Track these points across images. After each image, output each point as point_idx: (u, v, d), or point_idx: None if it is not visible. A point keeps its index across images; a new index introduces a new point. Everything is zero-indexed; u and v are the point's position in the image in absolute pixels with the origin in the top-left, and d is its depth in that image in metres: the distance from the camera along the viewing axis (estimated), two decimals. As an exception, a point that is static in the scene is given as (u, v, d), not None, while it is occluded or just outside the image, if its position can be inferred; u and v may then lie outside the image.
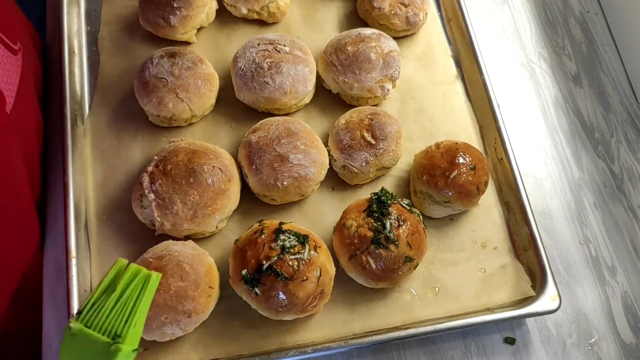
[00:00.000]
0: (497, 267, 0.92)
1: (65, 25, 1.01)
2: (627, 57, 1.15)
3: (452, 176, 0.88)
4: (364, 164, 0.92)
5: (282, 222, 0.83)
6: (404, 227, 0.82)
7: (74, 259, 0.84)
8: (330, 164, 0.95)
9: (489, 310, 0.88)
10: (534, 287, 0.89)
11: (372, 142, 0.91)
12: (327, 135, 0.98)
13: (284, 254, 0.78)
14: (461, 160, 0.89)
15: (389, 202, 0.84)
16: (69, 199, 0.88)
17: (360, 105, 1.01)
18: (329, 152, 0.95)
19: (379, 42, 0.99)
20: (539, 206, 1.01)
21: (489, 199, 0.97)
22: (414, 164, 0.95)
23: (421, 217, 0.87)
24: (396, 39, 1.05)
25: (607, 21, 1.20)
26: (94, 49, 1.04)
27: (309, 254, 0.80)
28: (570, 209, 1.02)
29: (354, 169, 0.92)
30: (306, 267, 0.78)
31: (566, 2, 1.22)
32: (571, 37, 1.18)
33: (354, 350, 0.87)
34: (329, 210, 0.94)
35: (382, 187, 0.87)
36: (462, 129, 1.03)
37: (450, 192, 0.89)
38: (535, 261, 0.90)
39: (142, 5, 1.01)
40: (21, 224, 0.86)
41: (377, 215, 0.83)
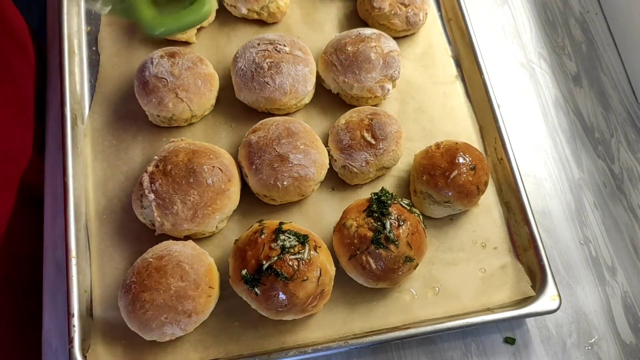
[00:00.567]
0: (497, 267, 0.92)
1: (65, 25, 1.00)
2: (627, 57, 1.15)
3: (452, 176, 0.88)
4: (364, 164, 0.92)
5: (282, 222, 0.83)
6: (404, 227, 0.82)
7: (74, 259, 0.84)
8: (330, 164, 0.95)
9: (489, 310, 0.88)
10: (534, 287, 0.89)
11: (372, 142, 0.91)
12: (327, 135, 0.98)
13: (284, 254, 0.78)
14: (461, 160, 0.89)
15: (389, 202, 0.84)
16: (69, 199, 0.88)
17: (360, 105, 1.01)
18: (329, 152, 0.95)
19: (379, 42, 0.99)
20: (539, 206, 1.01)
21: (489, 199, 0.97)
22: (414, 164, 0.95)
23: (421, 217, 0.87)
24: (396, 39, 1.05)
25: (607, 21, 1.20)
26: (94, 49, 1.04)
27: (309, 254, 0.79)
28: (570, 209, 1.02)
29: (354, 169, 0.92)
30: (306, 267, 0.78)
31: (566, 2, 1.22)
32: (571, 37, 1.18)
33: (354, 350, 0.87)
34: (329, 210, 0.94)
35: (382, 187, 0.87)
36: (462, 129, 1.03)
37: (450, 192, 0.89)
38: (535, 261, 0.90)
39: (142, 5, 1.01)
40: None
41: (377, 215, 0.83)
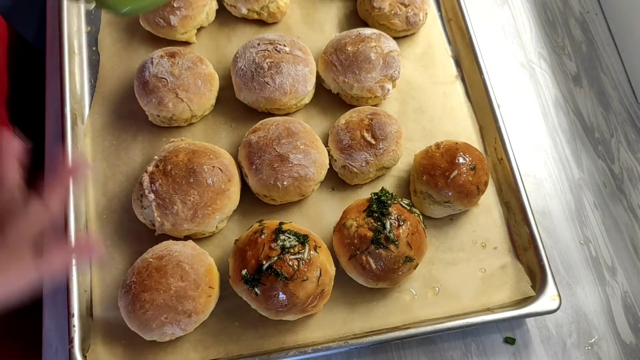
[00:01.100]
0: (497, 267, 0.92)
1: (65, 25, 1.00)
2: (627, 57, 1.15)
3: (452, 176, 0.88)
4: (364, 164, 0.92)
5: (282, 222, 0.83)
6: (404, 227, 0.82)
7: (74, 259, 0.84)
8: (330, 164, 0.95)
9: (489, 310, 0.88)
10: (534, 287, 0.89)
11: (372, 142, 0.91)
12: (327, 135, 0.98)
13: (284, 254, 0.78)
14: (461, 160, 0.89)
15: (389, 202, 0.84)
16: (69, 199, 0.88)
17: (360, 105, 1.01)
18: (329, 152, 0.95)
19: (379, 42, 0.99)
20: (539, 206, 1.01)
21: (489, 199, 0.97)
22: (414, 164, 0.95)
23: (421, 217, 0.87)
24: (396, 39, 1.05)
25: (607, 21, 1.20)
26: (94, 49, 1.04)
27: (309, 254, 0.79)
28: (570, 209, 1.02)
29: (354, 169, 0.92)
30: (306, 267, 0.78)
31: (566, 2, 1.22)
32: (571, 37, 1.18)
33: (354, 350, 0.87)
34: (329, 210, 0.94)
35: (382, 187, 0.87)
36: (462, 129, 1.03)
37: (450, 192, 0.89)
38: (535, 261, 0.90)
39: (142, 5, 1.01)
40: None
41: (377, 215, 0.83)
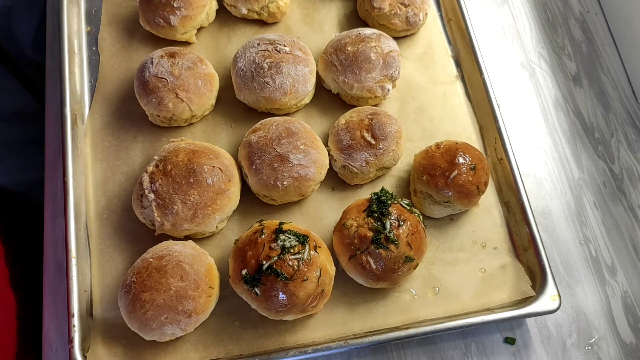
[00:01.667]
0: (497, 267, 0.92)
1: (65, 25, 1.00)
2: (627, 57, 1.15)
3: (452, 176, 0.88)
4: (364, 164, 0.92)
5: (282, 222, 0.83)
6: (404, 227, 0.82)
7: (74, 259, 0.84)
8: (330, 164, 0.95)
9: (489, 310, 0.88)
10: (534, 287, 0.89)
11: (372, 142, 0.91)
12: (327, 135, 0.98)
13: (284, 254, 0.78)
14: (461, 160, 0.89)
15: (389, 202, 0.84)
16: (69, 199, 0.88)
17: (360, 105, 1.01)
18: (329, 152, 0.95)
19: (379, 42, 0.99)
20: (539, 206, 1.01)
21: (489, 199, 0.97)
22: (414, 164, 0.95)
23: (421, 217, 0.87)
24: (396, 39, 1.05)
25: (607, 21, 1.20)
26: (94, 49, 1.04)
27: (309, 254, 0.79)
28: (570, 209, 1.02)
29: (354, 169, 0.92)
30: (306, 267, 0.78)
31: (566, 2, 1.22)
32: (571, 37, 1.18)
33: (354, 350, 0.87)
34: (329, 210, 0.94)
35: (382, 187, 0.87)
36: (462, 129, 1.03)
37: (450, 192, 0.89)
38: (535, 261, 0.90)
39: (142, 5, 1.01)
40: None
41: (377, 215, 0.83)
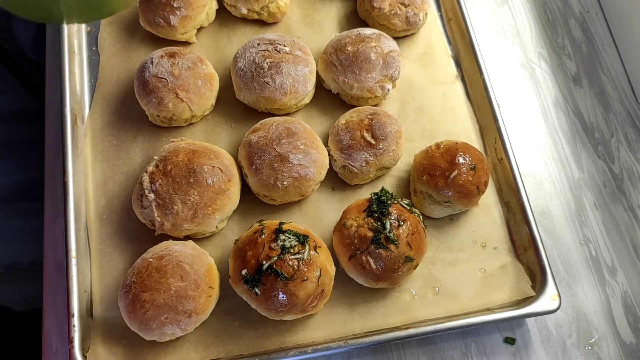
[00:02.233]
0: (497, 267, 0.92)
1: (65, 25, 1.00)
2: (627, 57, 1.15)
3: (452, 176, 0.88)
4: (364, 164, 0.92)
5: (282, 222, 0.83)
6: (404, 227, 0.82)
7: (74, 259, 0.84)
8: (330, 164, 0.95)
9: (489, 310, 0.88)
10: (534, 287, 0.89)
11: (372, 142, 0.91)
12: (327, 135, 0.98)
13: (284, 254, 0.78)
14: (461, 160, 0.89)
15: (389, 202, 0.84)
16: (69, 199, 0.88)
17: (360, 105, 1.01)
18: (329, 152, 0.95)
19: (379, 42, 0.99)
20: (539, 206, 1.01)
21: (489, 199, 0.97)
22: (414, 164, 0.95)
23: (421, 217, 0.87)
24: (396, 39, 1.05)
25: (607, 21, 1.20)
26: (94, 49, 1.04)
27: (309, 254, 0.79)
28: (570, 209, 1.02)
29: (354, 169, 0.92)
30: (306, 267, 0.78)
31: (566, 2, 1.22)
32: (571, 37, 1.18)
33: (354, 350, 0.87)
34: (329, 210, 0.94)
35: (382, 187, 0.87)
36: (462, 129, 1.03)
37: (450, 192, 0.89)
38: (535, 261, 0.90)
39: (142, 5, 1.01)
40: None
41: (377, 215, 0.83)
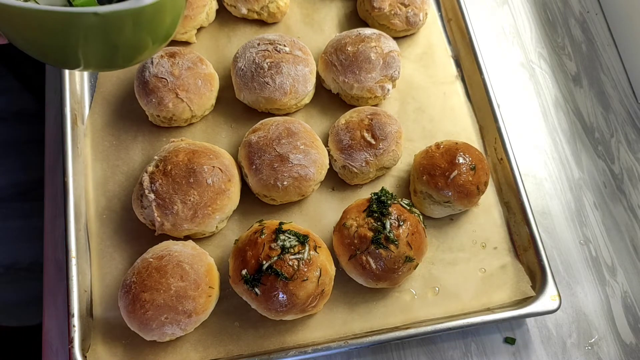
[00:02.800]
0: (497, 267, 0.92)
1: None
2: (627, 57, 1.15)
3: (452, 176, 0.88)
4: (364, 164, 0.92)
5: (282, 222, 0.83)
6: (404, 227, 0.82)
7: (74, 259, 0.84)
8: (330, 164, 0.95)
9: (489, 310, 0.88)
10: (534, 287, 0.89)
11: (372, 142, 0.91)
12: (327, 135, 0.98)
13: (284, 254, 0.78)
14: (461, 160, 0.89)
15: (389, 202, 0.84)
16: (69, 199, 0.88)
17: (360, 105, 1.01)
18: (329, 152, 0.95)
19: (379, 42, 0.99)
20: (539, 206, 1.01)
21: (489, 199, 0.97)
22: (414, 164, 0.95)
23: (421, 217, 0.87)
24: (396, 39, 1.05)
25: (607, 21, 1.20)
26: (94, 49, 1.04)
27: (309, 254, 0.79)
28: (570, 209, 1.02)
29: (354, 169, 0.92)
30: (306, 267, 0.78)
31: (566, 2, 1.22)
32: (571, 37, 1.18)
33: (354, 350, 0.87)
34: (329, 210, 0.94)
35: (382, 187, 0.87)
36: (462, 129, 1.03)
37: (450, 192, 0.89)
38: (535, 261, 0.90)
39: (142, 5, 1.01)
40: None
41: (377, 215, 0.83)
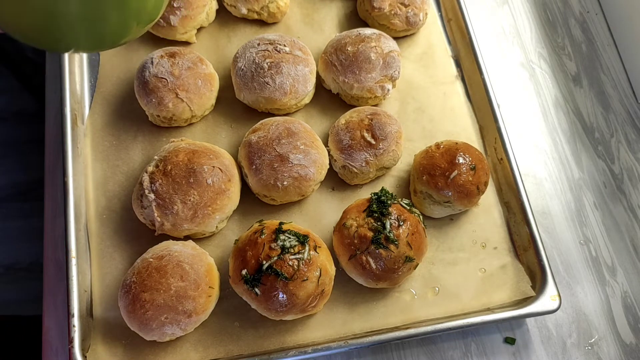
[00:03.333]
0: (497, 267, 0.92)
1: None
2: (627, 57, 1.15)
3: (452, 176, 0.88)
4: (364, 164, 0.92)
5: (282, 222, 0.83)
6: (404, 227, 0.82)
7: (74, 259, 0.84)
8: (330, 164, 0.95)
9: (489, 310, 0.88)
10: (534, 287, 0.89)
11: (372, 142, 0.91)
12: (327, 135, 0.98)
13: (284, 254, 0.78)
14: (461, 160, 0.89)
15: (389, 202, 0.84)
16: (69, 199, 0.88)
17: (360, 105, 1.01)
18: (329, 152, 0.95)
19: (379, 42, 0.99)
20: (539, 206, 1.01)
21: (489, 199, 0.97)
22: (414, 164, 0.95)
23: (421, 217, 0.87)
24: (396, 39, 1.05)
25: (607, 21, 1.20)
26: (94, 49, 1.04)
27: (309, 254, 0.79)
28: (570, 209, 1.02)
29: (354, 169, 0.92)
30: (306, 267, 0.78)
31: (566, 2, 1.22)
32: (571, 37, 1.18)
33: (354, 350, 0.87)
34: (329, 210, 0.94)
35: (382, 187, 0.87)
36: (462, 129, 1.03)
37: (450, 192, 0.89)
38: (535, 261, 0.90)
39: (142, 5, 1.01)
40: None
41: (377, 215, 0.83)
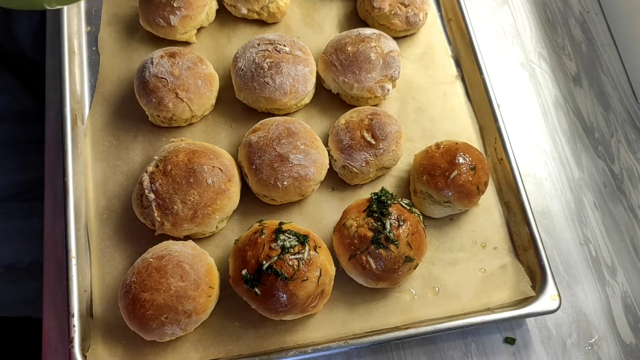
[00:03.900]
0: (497, 267, 0.92)
1: (65, 25, 1.00)
2: (627, 57, 1.15)
3: (452, 176, 0.88)
4: (364, 164, 0.92)
5: (282, 222, 0.83)
6: (404, 227, 0.82)
7: (74, 259, 0.84)
8: (330, 164, 0.95)
9: (489, 310, 0.88)
10: (534, 287, 0.89)
11: (372, 142, 0.91)
12: (327, 135, 0.98)
13: (284, 254, 0.78)
14: (461, 160, 0.89)
15: (389, 202, 0.84)
16: (69, 199, 0.88)
17: (360, 105, 1.01)
18: (329, 152, 0.95)
19: (379, 42, 0.99)
20: (539, 206, 1.01)
21: (489, 199, 0.97)
22: (414, 164, 0.95)
23: (421, 217, 0.87)
24: (396, 39, 1.05)
25: (607, 21, 1.20)
26: (94, 49, 1.04)
27: (309, 254, 0.79)
28: (570, 209, 1.02)
29: (354, 169, 0.92)
30: (306, 267, 0.78)
31: (566, 2, 1.22)
32: (571, 37, 1.18)
33: (354, 350, 0.87)
34: (329, 210, 0.94)
35: (382, 187, 0.87)
36: (462, 129, 1.03)
37: (450, 192, 0.89)
38: (535, 261, 0.90)
39: (142, 5, 1.01)
40: None
41: (377, 215, 0.83)
